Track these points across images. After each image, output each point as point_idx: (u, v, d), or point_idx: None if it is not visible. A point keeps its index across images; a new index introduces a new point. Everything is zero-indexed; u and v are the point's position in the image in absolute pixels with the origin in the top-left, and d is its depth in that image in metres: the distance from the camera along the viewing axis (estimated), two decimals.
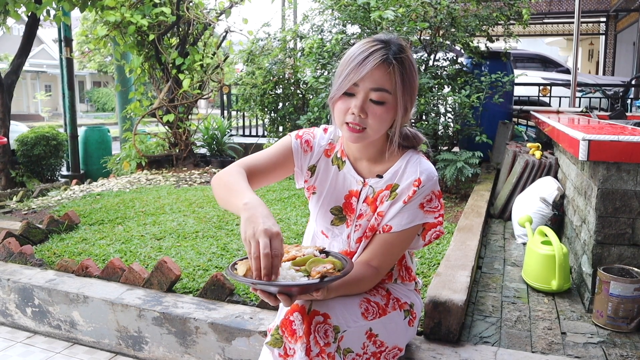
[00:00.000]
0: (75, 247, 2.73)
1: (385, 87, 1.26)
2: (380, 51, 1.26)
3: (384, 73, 1.26)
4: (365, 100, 1.27)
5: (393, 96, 1.27)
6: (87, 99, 28.81)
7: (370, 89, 1.26)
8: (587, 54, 16.87)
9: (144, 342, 2.02)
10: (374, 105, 1.27)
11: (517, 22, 4.53)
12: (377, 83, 1.26)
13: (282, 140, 1.47)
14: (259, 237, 1.07)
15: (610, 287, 1.84)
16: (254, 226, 1.09)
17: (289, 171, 1.46)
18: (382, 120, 1.28)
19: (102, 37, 5.19)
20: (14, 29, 17.01)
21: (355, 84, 1.26)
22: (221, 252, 2.60)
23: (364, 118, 1.27)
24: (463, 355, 1.65)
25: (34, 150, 6.35)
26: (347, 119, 1.28)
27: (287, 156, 1.43)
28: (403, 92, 1.28)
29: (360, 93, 1.27)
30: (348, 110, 1.28)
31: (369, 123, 1.28)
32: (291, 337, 1.18)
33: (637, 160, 1.90)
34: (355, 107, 1.26)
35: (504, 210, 3.41)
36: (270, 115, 4.84)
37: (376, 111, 1.27)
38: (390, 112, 1.29)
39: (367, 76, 1.25)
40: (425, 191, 1.34)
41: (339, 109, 1.30)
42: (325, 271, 1.11)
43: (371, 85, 1.26)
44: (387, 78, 1.26)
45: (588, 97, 7.30)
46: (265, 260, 1.05)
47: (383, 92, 1.26)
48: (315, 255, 1.22)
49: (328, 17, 4.34)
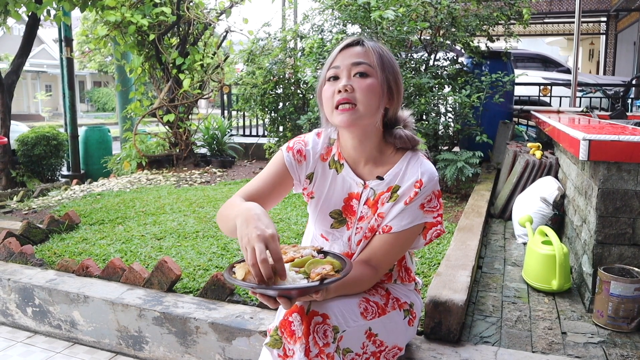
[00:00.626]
0: (75, 247, 2.73)
1: (366, 60, 1.31)
2: (353, 39, 1.36)
3: (361, 50, 1.33)
4: (350, 76, 1.31)
5: (374, 70, 1.31)
6: (87, 99, 28.82)
7: (351, 64, 1.31)
8: (588, 54, 16.87)
9: (145, 342, 2.02)
10: (359, 79, 1.30)
11: (517, 22, 4.53)
12: (356, 57, 1.31)
13: (274, 158, 1.46)
14: (254, 244, 1.06)
15: (611, 287, 1.84)
16: (248, 232, 1.09)
17: (289, 186, 1.46)
18: (369, 91, 1.30)
19: (102, 37, 5.20)
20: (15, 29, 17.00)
21: (336, 67, 1.32)
22: (221, 252, 2.60)
23: (351, 92, 1.29)
24: (463, 355, 1.65)
25: (34, 150, 6.35)
26: (336, 98, 1.30)
27: (284, 172, 1.43)
28: (382, 67, 1.32)
29: (344, 71, 1.31)
30: (335, 92, 1.31)
31: (357, 97, 1.29)
32: (290, 337, 1.17)
33: (637, 160, 1.90)
34: (342, 84, 1.30)
35: (505, 210, 3.41)
36: (271, 115, 4.83)
37: (362, 84, 1.30)
38: (374, 85, 1.31)
39: (344, 55, 1.32)
40: (427, 192, 1.34)
41: (326, 96, 1.33)
42: (325, 273, 1.11)
43: (351, 59, 1.31)
44: (365, 54, 1.32)
45: (588, 97, 7.30)
46: (263, 267, 1.05)
47: (364, 64, 1.31)
48: (314, 255, 1.22)
49: (328, 16, 4.34)
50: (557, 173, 3.21)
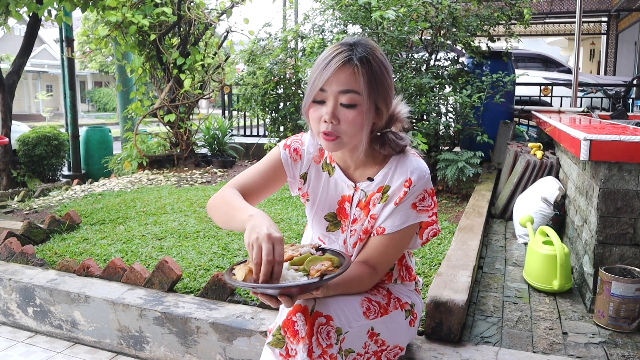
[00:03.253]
0: (76, 247, 2.73)
1: (354, 88, 1.23)
2: (343, 53, 1.24)
3: (349, 74, 1.23)
4: (336, 106, 1.24)
5: (361, 97, 1.24)
6: (88, 99, 28.82)
7: (338, 92, 1.23)
8: (589, 54, 16.86)
9: (145, 342, 2.02)
10: (345, 109, 1.24)
11: (518, 22, 4.53)
12: (343, 85, 1.23)
13: (271, 153, 1.46)
14: (262, 242, 1.08)
15: (612, 287, 1.84)
16: (258, 231, 1.10)
17: (282, 182, 1.46)
18: (354, 124, 1.25)
19: (103, 37, 5.20)
20: (16, 29, 17.02)
21: (323, 90, 1.24)
22: (222, 252, 2.60)
23: (336, 125, 1.25)
24: (464, 355, 1.65)
25: (35, 150, 6.36)
26: (322, 128, 1.26)
27: (278, 168, 1.43)
28: (370, 92, 1.24)
29: (330, 99, 1.24)
30: (321, 118, 1.26)
31: (342, 130, 1.25)
32: (293, 337, 1.17)
33: (638, 160, 1.90)
34: (327, 114, 1.24)
35: (505, 210, 3.40)
36: (271, 115, 4.83)
37: (348, 116, 1.24)
38: (362, 115, 1.25)
39: (332, 79, 1.23)
40: (417, 190, 1.33)
41: (312, 118, 1.29)
42: (324, 269, 1.12)
43: (338, 87, 1.23)
44: (353, 79, 1.23)
45: (589, 97, 7.30)
46: (268, 267, 1.07)
47: (352, 93, 1.23)
48: (312, 253, 1.23)
49: (329, 17, 4.34)
50: (558, 173, 3.21)
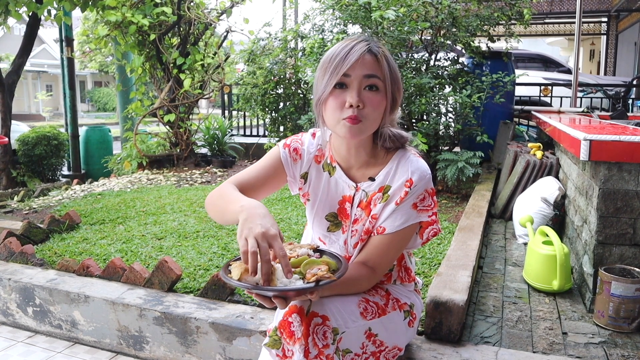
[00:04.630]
0: (76, 246, 2.73)
1: (377, 74, 1.26)
2: (363, 42, 1.28)
3: (373, 60, 1.26)
4: (360, 88, 1.26)
5: (384, 83, 1.27)
6: (88, 99, 28.82)
7: (363, 75, 1.25)
8: (589, 54, 16.86)
9: (145, 341, 2.02)
10: (369, 93, 1.26)
11: (518, 22, 4.52)
12: (368, 69, 1.25)
13: (271, 152, 1.45)
14: (259, 241, 1.07)
15: (612, 287, 1.84)
16: (250, 226, 1.09)
17: (282, 182, 1.45)
18: (379, 108, 1.27)
19: (103, 36, 5.20)
20: (15, 28, 17.01)
21: (346, 74, 1.25)
22: (222, 252, 2.60)
23: (361, 109, 1.25)
24: (464, 355, 1.65)
25: (35, 150, 6.35)
26: (345, 113, 1.25)
27: (278, 167, 1.42)
28: (392, 81, 1.28)
29: (354, 82, 1.25)
30: (343, 104, 1.25)
31: (365, 113, 1.26)
32: (289, 338, 1.17)
33: (638, 160, 1.90)
34: (353, 98, 1.24)
35: (505, 210, 3.40)
36: (271, 115, 4.83)
37: (372, 99, 1.26)
38: (383, 101, 1.28)
39: (357, 64, 1.24)
40: (418, 190, 1.33)
41: (331, 107, 1.27)
42: (320, 275, 1.10)
43: (363, 71, 1.25)
44: (377, 65, 1.27)
45: (589, 97, 7.30)
46: (265, 267, 1.06)
47: (375, 78, 1.26)
48: (310, 255, 1.22)
49: (329, 16, 4.34)
50: (558, 173, 3.21)
